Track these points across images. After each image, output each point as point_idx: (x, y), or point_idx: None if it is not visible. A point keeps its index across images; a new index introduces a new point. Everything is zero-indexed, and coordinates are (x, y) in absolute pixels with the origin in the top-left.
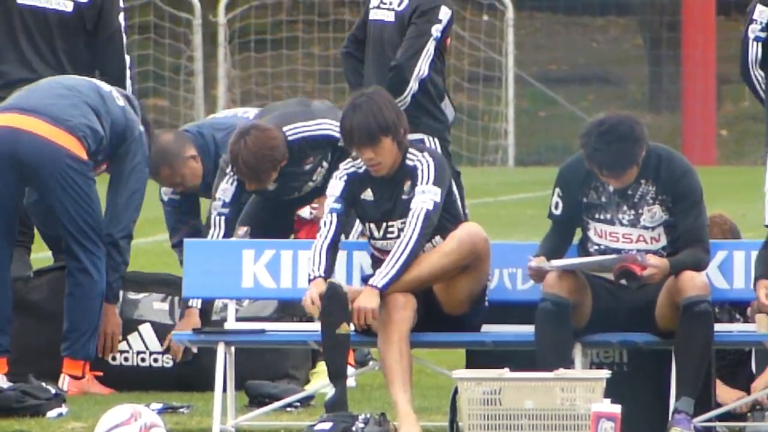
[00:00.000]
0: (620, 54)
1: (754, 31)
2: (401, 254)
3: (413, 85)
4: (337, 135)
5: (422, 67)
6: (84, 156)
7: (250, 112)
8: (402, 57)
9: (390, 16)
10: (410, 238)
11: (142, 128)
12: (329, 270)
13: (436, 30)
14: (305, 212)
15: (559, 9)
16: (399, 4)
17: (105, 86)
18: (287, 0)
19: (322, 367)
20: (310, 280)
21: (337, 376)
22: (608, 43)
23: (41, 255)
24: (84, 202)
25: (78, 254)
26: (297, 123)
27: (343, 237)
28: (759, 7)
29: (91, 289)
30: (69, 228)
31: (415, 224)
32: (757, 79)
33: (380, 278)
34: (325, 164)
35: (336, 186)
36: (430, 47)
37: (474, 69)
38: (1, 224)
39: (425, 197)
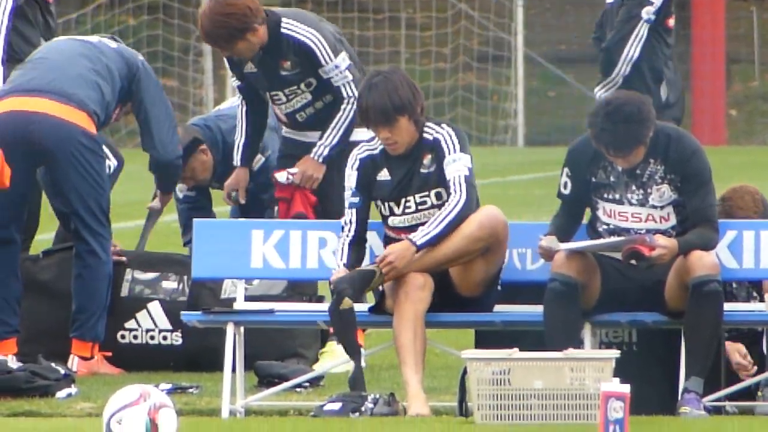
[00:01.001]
0: None
1: (648, 12)
2: (448, 215)
3: (622, 68)
4: (317, 53)
5: (631, 50)
6: (94, 131)
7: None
8: (611, 40)
9: None
10: (458, 201)
11: (140, 58)
12: (352, 261)
13: (646, 12)
14: (282, 176)
15: None
16: None
17: (92, 38)
18: None
19: (331, 346)
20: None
21: (350, 351)
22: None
23: (46, 236)
24: (95, 181)
25: (85, 236)
26: (295, 21)
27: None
28: None
29: (99, 270)
30: (78, 208)
31: (460, 190)
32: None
33: (421, 236)
34: (304, 89)
35: (351, 177)
36: (642, 30)
37: (483, 49)
38: (11, 209)
39: (459, 165)
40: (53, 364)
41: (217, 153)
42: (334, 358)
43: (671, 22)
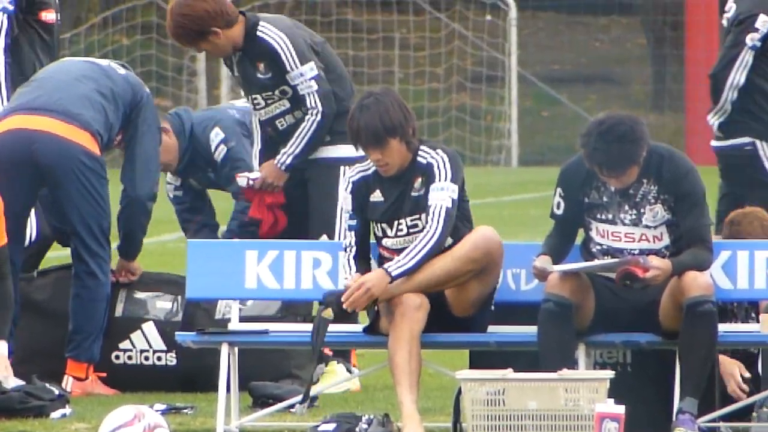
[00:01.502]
0: (623, 54)
1: (753, 39)
2: (422, 249)
3: (728, 95)
4: (282, 57)
5: (736, 76)
6: (98, 152)
7: (237, 103)
8: (716, 67)
9: (725, 22)
10: (432, 234)
11: (146, 90)
12: (361, 272)
13: (751, 39)
14: (242, 181)
15: (562, 9)
16: (728, 11)
17: (101, 61)
18: (290, 0)
19: (332, 367)
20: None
21: (314, 353)
22: (611, 42)
23: (55, 254)
24: (96, 202)
25: (85, 257)
26: (269, 25)
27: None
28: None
29: (97, 291)
30: (78, 228)
31: (437, 221)
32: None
33: (396, 266)
34: (280, 95)
35: (346, 200)
36: (747, 56)
37: (477, 69)
38: (12, 226)
39: (444, 194)
40: (47, 385)
41: (183, 141)
42: (332, 379)
43: None
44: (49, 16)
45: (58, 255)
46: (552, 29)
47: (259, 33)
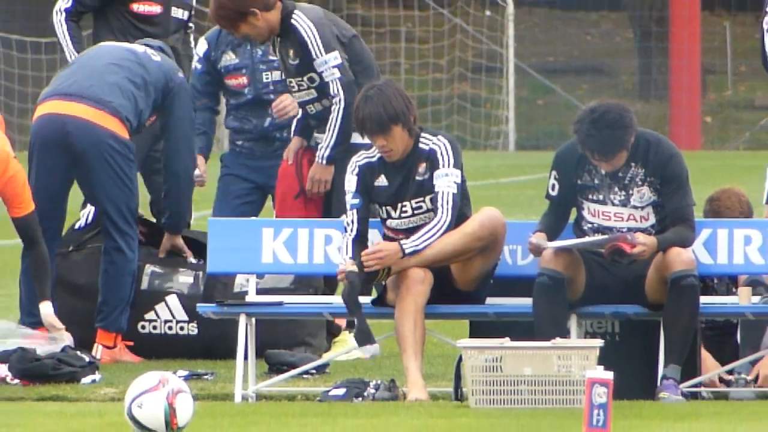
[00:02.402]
0: (612, 47)
1: (767, 22)
2: (434, 232)
3: None
4: (309, 45)
5: None
6: (126, 136)
7: None
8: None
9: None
10: (443, 219)
11: (181, 74)
12: (356, 255)
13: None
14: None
15: (556, 5)
16: None
17: (138, 47)
18: None
19: (343, 336)
20: (339, 271)
21: (350, 311)
22: (601, 36)
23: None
24: (124, 184)
25: (114, 234)
26: (301, 13)
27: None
28: None
29: (125, 266)
30: (108, 209)
31: (447, 208)
32: None
33: (410, 244)
34: (309, 84)
35: (350, 181)
36: None
37: (477, 60)
38: (50, 206)
39: (449, 180)
40: (79, 352)
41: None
42: (343, 348)
43: None
44: (141, 7)
45: None
46: (546, 24)
47: (292, 21)
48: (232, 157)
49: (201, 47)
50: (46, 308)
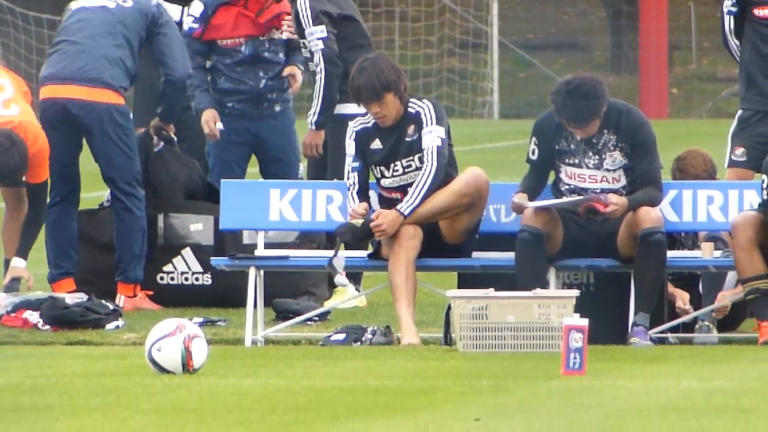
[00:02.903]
0: (587, 24)
1: (726, 6)
2: (424, 185)
3: None
4: (300, 15)
5: None
6: (122, 102)
7: None
8: None
9: None
10: (429, 171)
11: (154, 1)
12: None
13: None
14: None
15: None
16: None
17: (109, 3)
18: None
19: (342, 288)
20: (350, 215)
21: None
22: (577, 15)
23: (93, 194)
24: (124, 153)
25: (121, 197)
26: None
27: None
28: None
29: (133, 224)
30: (113, 176)
31: (432, 160)
32: (733, 47)
33: (406, 206)
34: (303, 50)
35: (350, 146)
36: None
37: (464, 37)
38: (68, 170)
39: (433, 136)
40: (103, 301)
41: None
42: (342, 297)
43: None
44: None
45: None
46: (527, 4)
47: None
48: (223, 121)
49: (196, 8)
50: (19, 262)
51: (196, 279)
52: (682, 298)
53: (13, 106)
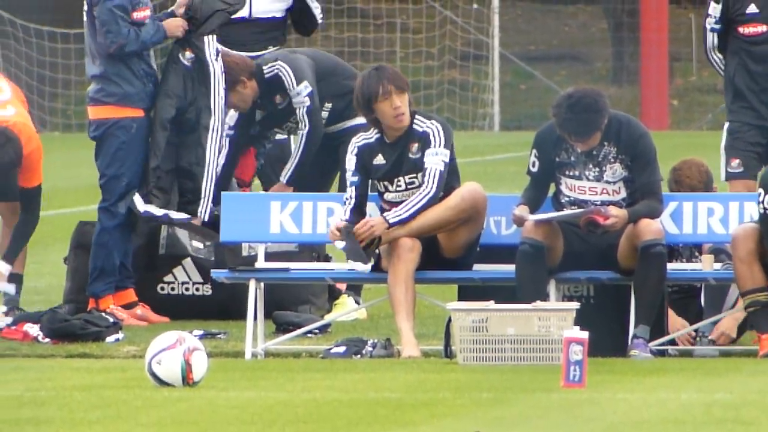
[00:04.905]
0: (588, 36)
1: (709, 23)
2: (417, 203)
3: None
4: (283, 79)
5: None
6: (106, 116)
7: None
8: None
9: None
10: (428, 192)
11: None
12: (352, 220)
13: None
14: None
15: None
16: None
17: (85, 18)
18: None
19: (343, 299)
20: (330, 232)
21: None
22: (578, 27)
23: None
24: (113, 165)
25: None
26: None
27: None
28: (712, 4)
29: (97, 236)
30: (100, 184)
31: (432, 183)
32: (716, 61)
33: (393, 215)
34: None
35: (350, 160)
36: None
37: (465, 49)
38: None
39: (438, 159)
40: (103, 314)
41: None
42: (343, 309)
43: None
44: None
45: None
46: (528, 16)
47: (265, 71)
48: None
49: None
50: (3, 268)
51: (197, 289)
52: (682, 325)
53: (9, 107)
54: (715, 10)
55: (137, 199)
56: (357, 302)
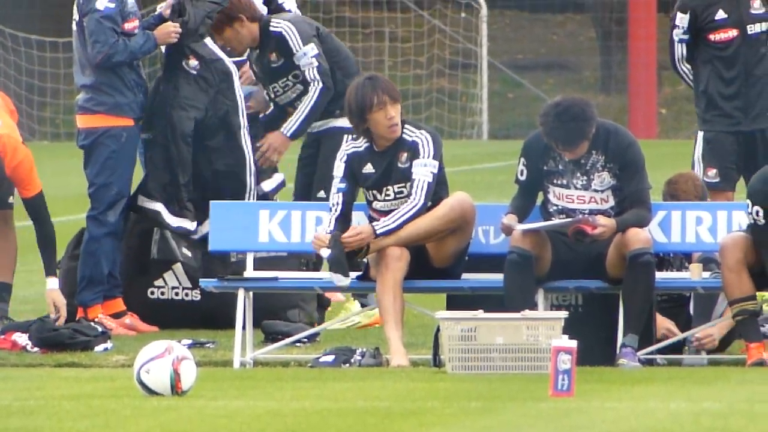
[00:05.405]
0: (576, 45)
1: (677, 34)
2: (405, 213)
3: None
4: (288, 39)
5: None
6: (98, 124)
7: None
8: None
9: None
10: (415, 204)
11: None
12: (336, 230)
13: None
14: None
15: (525, 7)
16: None
17: (75, 16)
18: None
19: (348, 303)
20: (313, 242)
21: (333, 245)
22: (566, 36)
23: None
24: (102, 174)
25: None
26: (278, 18)
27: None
28: (679, 15)
29: (85, 245)
30: (89, 193)
31: (420, 194)
32: (684, 71)
33: (381, 225)
34: (296, 84)
35: (339, 167)
36: None
37: (454, 58)
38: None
39: (426, 170)
40: (92, 323)
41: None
42: (350, 312)
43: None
44: None
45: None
46: (516, 25)
47: (270, 27)
48: None
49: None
50: (51, 283)
51: (186, 294)
52: (668, 328)
53: None
54: (682, 20)
55: (166, 215)
56: (363, 305)
